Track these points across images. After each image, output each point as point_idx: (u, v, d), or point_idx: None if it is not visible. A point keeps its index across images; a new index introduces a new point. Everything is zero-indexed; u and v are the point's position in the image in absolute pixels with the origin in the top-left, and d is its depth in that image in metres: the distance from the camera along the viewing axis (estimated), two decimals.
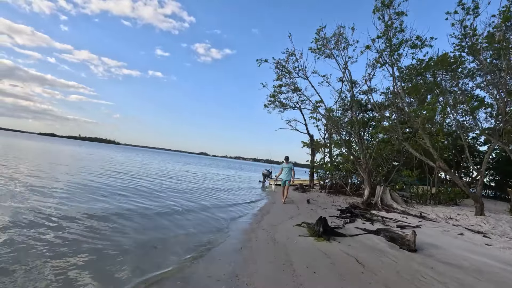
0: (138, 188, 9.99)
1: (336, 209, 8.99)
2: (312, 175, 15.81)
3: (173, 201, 8.31)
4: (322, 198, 11.89)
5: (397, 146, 10.85)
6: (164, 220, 6.03)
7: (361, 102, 14.40)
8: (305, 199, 11.46)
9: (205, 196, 10.02)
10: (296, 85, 11.64)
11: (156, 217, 6.23)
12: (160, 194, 9.18)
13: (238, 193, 12.57)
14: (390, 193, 8.93)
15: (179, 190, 10.66)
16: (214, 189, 12.47)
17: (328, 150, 15.63)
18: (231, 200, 9.89)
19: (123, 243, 4.33)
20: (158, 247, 4.30)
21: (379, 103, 15.03)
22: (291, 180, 10.07)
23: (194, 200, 8.87)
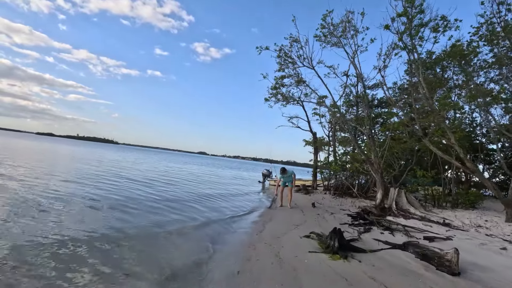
0: (113, 195, 8.99)
1: (346, 215, 8.03)
2: (315, 175, 14.85)
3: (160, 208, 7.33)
4: (327, 201, 10.92)
5: (410, 144, 9.89)
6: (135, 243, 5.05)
7: (367, 97, 13.44)
8: (309, 202, 10.50)
9: (192, 199, 9.05)
10: (300, 76, 10.67)
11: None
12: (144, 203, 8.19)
13: (235, 197, 11.59)
14: (406, 196, 7.97)
15: (173, 196, 9.68)
16: (205, 194, 11.49)
17: (332, 149, 14.67)
18: (227, 206, 8.92)
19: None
20: (130, 275, 3.32)
21: (394, 96, 14.09)
22: (292, 182, 9.12)
23: (177, 206, 7.89)
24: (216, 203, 8.96)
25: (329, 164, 13.26)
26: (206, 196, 10.12)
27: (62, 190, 7.89)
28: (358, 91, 15.05)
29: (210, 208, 8.02)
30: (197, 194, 10.21)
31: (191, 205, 8.04)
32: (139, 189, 9.67)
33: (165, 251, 4.25)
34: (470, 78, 11.22)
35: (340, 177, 12.02)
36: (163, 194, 9.45)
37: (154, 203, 7.67)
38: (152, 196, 8.74)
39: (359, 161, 10.40)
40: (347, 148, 14.86)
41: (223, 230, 5.79)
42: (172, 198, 8.82)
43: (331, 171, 13.22)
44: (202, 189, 12.19)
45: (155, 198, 8.41)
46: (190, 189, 11.70)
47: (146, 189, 9.83)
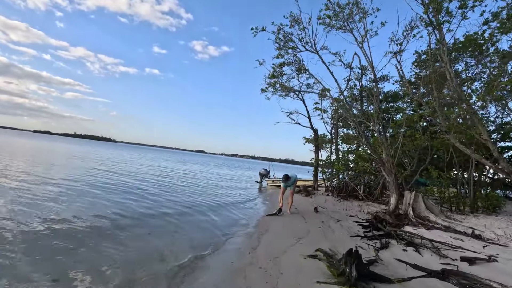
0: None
1: (354, 222, 6.93)
2: (316, 175, 13.75)
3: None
4: (331, 204, 9.83)
5: (424, 141, 8.81)
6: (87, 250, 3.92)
7: (377, 87, 12.32)
8: (311, 205, 9.41)
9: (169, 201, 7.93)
10: (302, 62, 9.47)
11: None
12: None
13: (228, 206, 10.48)
14: (424, 201, 6.88)
15: (151, 206, 8.55)
16: (191, 203, 10.32)
17: (335, 147, 13.56)
18: (217, 219, 7.82)
19: None
20: None
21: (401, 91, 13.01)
22: (294, 185, 8.04)
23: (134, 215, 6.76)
24: (205, 214, 7.85)
25: (332, 164, 12.15)
26: (193, 204, 8.99)
27: None
28: (362, 84, 13.95)
29: (194, 220, 6.90)
30: (184, 204, 9.09)
31: (170, 220, 6.92)
32: (98, 197, 7.77)
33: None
34: (500, 73, 10.03)
35: (344, 178, 10.91)
36: (143, 202, 8.31)
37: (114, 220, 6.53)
38: (119, 209, 7.60)
39: (367, 160, 9.29)
40: (351, 145, 13.78)
41: (206, 245, 4.68)
42: (149, 208, 7.69)
43: (334, 171, 12.11)
44: (188, 195, 11.06)
45: (120, 212, 7.27)
46: (177, 196, 10.56)
47: (112, 197, 7.92)
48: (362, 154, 9.01)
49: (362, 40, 7.94)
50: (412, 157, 9.35)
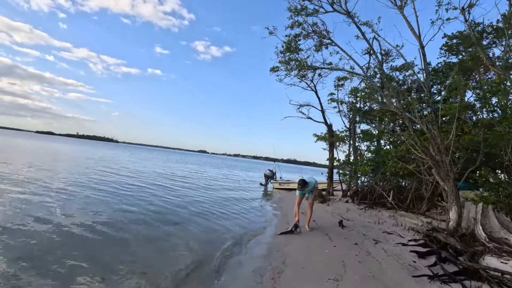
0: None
1: (399, 245, 5.07)
2: (331, 177, 11.88)
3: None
4: (355, 214, 7.97)
5: (478, 135, 6.92)
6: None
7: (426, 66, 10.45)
8: (330, 216, 7.59)
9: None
10: (326, 29, 7.44)
11: None
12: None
13: (228, 216, 8.67)
14: (496, 216, 5.03)
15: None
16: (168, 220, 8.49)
17: (352, 143, 11.70)
18: (210, 236, 6.03)
19: None
20: None
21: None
22: (314, 192, 6.19)
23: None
24: (199, 228, 6.06)
25: (352, 164, 10.27)
26: (185, 221, 7.19)
27: None
28: (384, 72, 12.09)
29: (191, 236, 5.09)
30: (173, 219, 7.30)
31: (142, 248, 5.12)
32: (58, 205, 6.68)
33: None
34: None
35: (368, 181, 9.03)
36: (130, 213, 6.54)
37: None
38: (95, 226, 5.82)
39: (406, 160, 7.40)
40: (372, 143, 11.92)
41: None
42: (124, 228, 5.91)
43: (353, 173, 10.24)
44: (178, 208, 9.28)
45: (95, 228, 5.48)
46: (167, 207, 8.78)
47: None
48: (399, 152, 7.13)
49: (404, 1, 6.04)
50: (458, 157, 7.47)
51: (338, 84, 11.38)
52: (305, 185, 5.87)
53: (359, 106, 11.86)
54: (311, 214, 6.16)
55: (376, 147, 8.95)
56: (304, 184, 5.87)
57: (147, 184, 11.45)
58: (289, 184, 15.38)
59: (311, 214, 6.16)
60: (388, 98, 6.46)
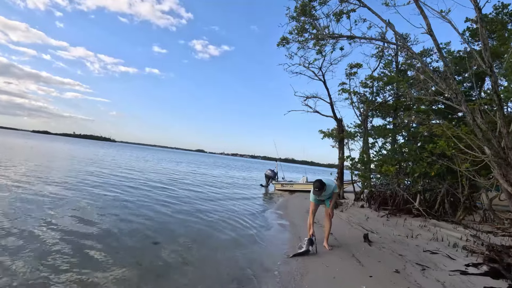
0: None
1: (457, 273, 3.73)
2: (341, 178, 10.54)
3: None
4: (378, 224, 6.63)
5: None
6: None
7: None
8: (348, 225, 6.28)
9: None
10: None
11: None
12: None
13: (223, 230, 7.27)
14: None
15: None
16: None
17: (363, 140, 10.37)
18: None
19: None
20: None
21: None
22: (332, 200, 4.77)
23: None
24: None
25: (365, 163, 8.90)
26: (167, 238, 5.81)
27: None
28: (398, 61, 10.77)
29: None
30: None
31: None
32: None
33: None
34: None
35: (390, 183, 7.68)
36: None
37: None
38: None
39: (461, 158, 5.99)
40: (387, 140, 10.61)
41: None
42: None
43: (368, 173, 8.89)
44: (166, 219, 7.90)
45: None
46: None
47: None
48: (439, 148, 5.75)
49: None
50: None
51: (350, 72, 10.02)
52: (322, 187, 4.48)
53: (371, 98, 10.52)
54: (330, 227, 4.81)
55: (402, 143, 7.57)
56: (321, 186, 4.47)
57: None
58: (292, 185, 14.05)
59: (330, 227, 4.81)
60: (443, 76, 5.05)
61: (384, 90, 10.91)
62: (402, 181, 7.05)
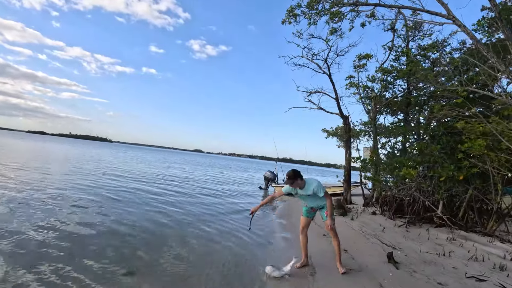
0: None
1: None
2: (349, 181, 9.59)
3: None
4: (398, 236, 5.68)
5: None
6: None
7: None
8: (364, 239, 5.32)
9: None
10: None
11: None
12: None
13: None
14: None
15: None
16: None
17: (373, 139, 9.43)
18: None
19: None
20: None
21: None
22: (328, 208, 3.67)
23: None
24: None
25: (377, 165, 7.95)
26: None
27: None
28: (410, 52, 9.83)
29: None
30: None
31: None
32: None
33: None
34: None
35: (411, 190, 6.71)
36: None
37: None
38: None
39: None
40: (397, 139, 9.69)
41: None
42: None
43: (377, 175, 7.94)
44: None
45: None
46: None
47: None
48: (476, 148, 4.79)
49: None
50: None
51: (358, 64, 9.07)
52: (295, 177, 3.51)
53: (381, 93, 9.58)
54: (339, 244, 3.78)
55: (422, 143, 6.60)
56: (294, 176, 3.52)
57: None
58: None
59: (339, 244, 3.78)
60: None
61: (393, 84, 9.99)
62: (425, 186, 6.09)
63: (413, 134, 8.79)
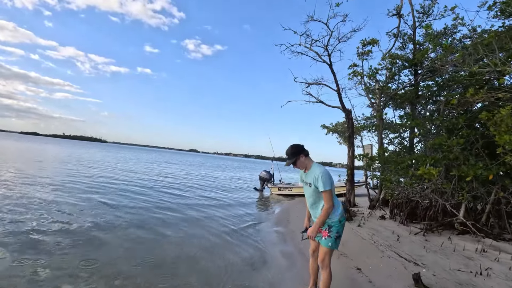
0: None
1: None
2: (352, 180, 8.71)
3: None
4: (417, 248, 4.79)
5: None
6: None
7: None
8: (378, 251, 4.42)
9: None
10: None
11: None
12: None
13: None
14: None
15: None
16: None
17: (378, 134, 8.55)
18: None
19: None
20: None
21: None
22: (320, 219, 2.55)
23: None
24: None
25: (403, 165, 6.98)
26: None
27: None
28: (416, 39, 8.96)
29: None
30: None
31: None
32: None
33: None
34: None
35: (427, 191, 5.82)
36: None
37: None
38: None
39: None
40: (402, 134, 8.89)
41: None
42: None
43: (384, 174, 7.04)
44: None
45: None
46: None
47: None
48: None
49: None
50: None
51: (362, 51, 8.17)
52: (298, 155, 2.65)
53: (386, 83, 8.70)
54: (327, 282, 2.61)
55: (442, 136, 5.68)
56: (295, 153, 2.66)
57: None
58: (291, 189, 12.17)
59: (327, 282, 2.61)
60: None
61: (399, 75, 9.13)
62: (447, 187, 5.20)
63: (426, 127, 7.90)
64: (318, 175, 2.51)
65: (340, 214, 2.59)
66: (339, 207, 2.63)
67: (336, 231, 2.54)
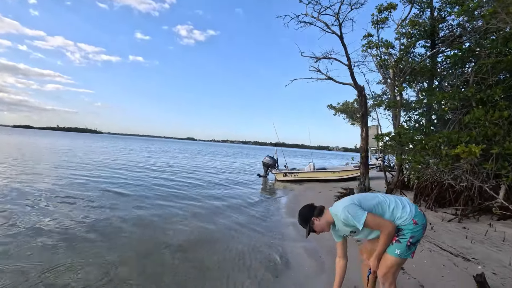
0: None
1: None
2: (366, 163, 8.05)
3: None
4: (460, 238, 4.18)
5: None
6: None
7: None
8: (421, 248, 3.76)
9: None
10: None
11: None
12: None
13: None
14: None
15: None
16: None
17: (395, 112, 7.81)
18: None
19: None
20: None
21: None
22: (382, 246, 1.89)
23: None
24: None
25: (435, 144, 6.27)
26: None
27: None
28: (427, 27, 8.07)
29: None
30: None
31: None
32: None
33: None
34: None
35: (460, 172, 5.16)
36: None
37: None
38: None
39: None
40: (416, 113, 8.17)
41: None
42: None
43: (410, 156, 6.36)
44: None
45: None
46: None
47: None
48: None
49: None
50: None
51: (378, 19, 7.27)
52: (310, 222, 2.07)
53: (404, 54, 7.88)
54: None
55: (480, 109, 4.95)
56: (305, 221, 2.11)
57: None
58: (298, 174, 11.53)
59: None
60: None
61: (414, 45, 8.30)
62: (488, 167, 4.52)
63: (456, 101, 7.13)
64: (345, 219, 1.88)
65: (412, 213, 1.86)
66: (405, 206, 1.90)
67: (410, 235, 1.82)
